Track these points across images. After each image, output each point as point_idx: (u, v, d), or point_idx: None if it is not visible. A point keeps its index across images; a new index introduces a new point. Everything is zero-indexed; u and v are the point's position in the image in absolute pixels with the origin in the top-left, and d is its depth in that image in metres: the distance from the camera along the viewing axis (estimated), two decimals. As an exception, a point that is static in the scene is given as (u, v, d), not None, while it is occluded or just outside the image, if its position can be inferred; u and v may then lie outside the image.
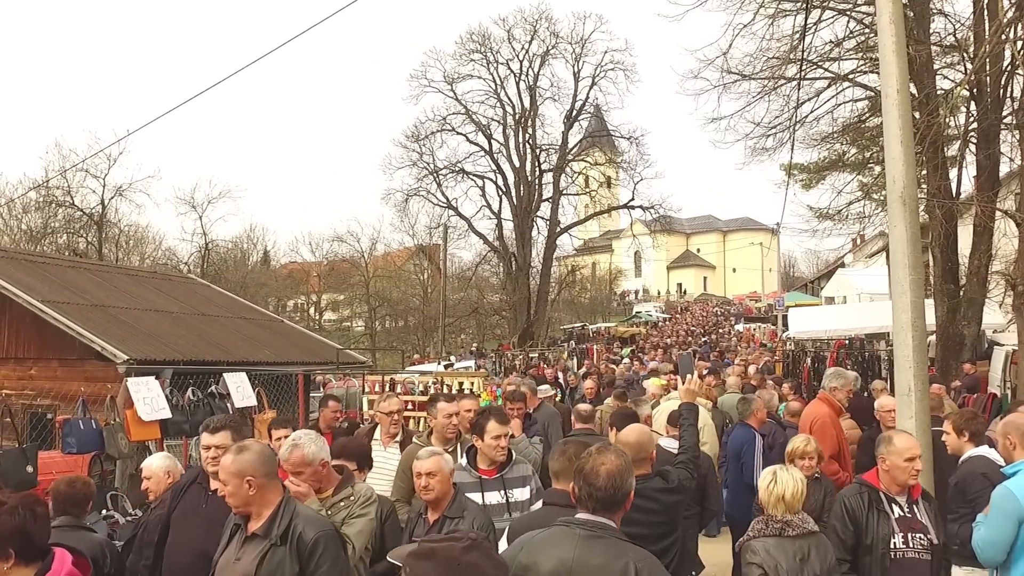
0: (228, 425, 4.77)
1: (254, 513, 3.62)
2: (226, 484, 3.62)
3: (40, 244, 39.52)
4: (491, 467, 4.96)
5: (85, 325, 12.28)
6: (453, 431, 5.73)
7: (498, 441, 4.91)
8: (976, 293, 15.04)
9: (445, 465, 4.56)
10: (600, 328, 51.61)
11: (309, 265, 58.05)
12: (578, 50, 47.06)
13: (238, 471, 3.60)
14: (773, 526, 4.21)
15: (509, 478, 4.96)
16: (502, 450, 4.92)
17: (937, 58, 15.47)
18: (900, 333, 5.69)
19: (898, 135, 5.70)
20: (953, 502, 5.03)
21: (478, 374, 14.59)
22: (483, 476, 4.92)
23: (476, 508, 4.50)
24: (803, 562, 4.07)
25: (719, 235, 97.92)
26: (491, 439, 4.91)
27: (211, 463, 4.51)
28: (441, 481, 4.44)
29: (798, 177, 20.84)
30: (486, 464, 4.97)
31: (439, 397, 5.99)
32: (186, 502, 4.65)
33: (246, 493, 3.58)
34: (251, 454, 3.65)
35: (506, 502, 4.86)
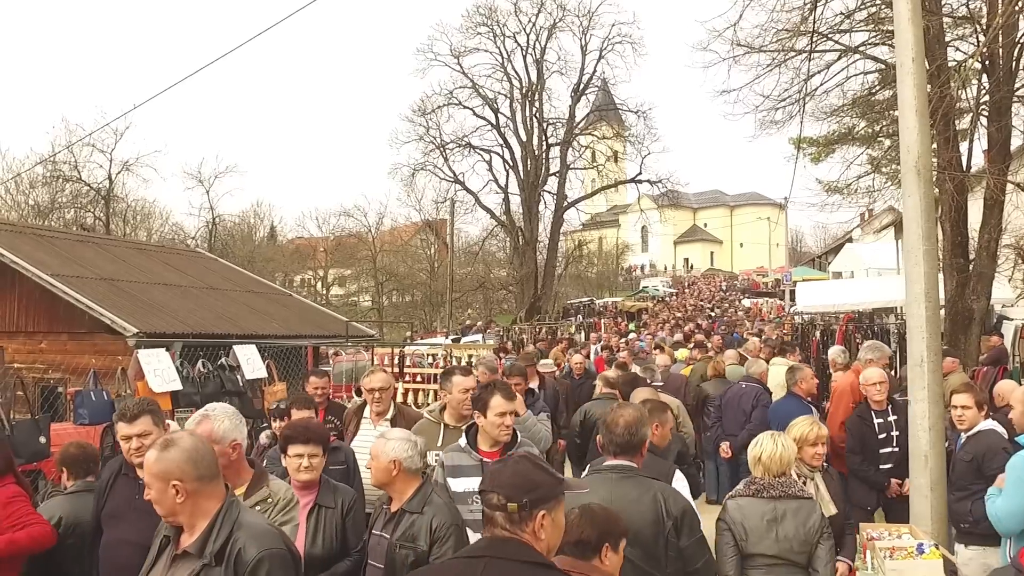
0: (147, 410, 4.15)
1: (186, 524, 2.94)
2: (149, 487, 2.95)
3: (48, 219, 39.58)
4: (494, 448, 4.47)
5: (94, 299, 12.34)
6: (469, 408, 5.05)
7: (503, 419, 4.44)
8: (986, 267, 14.95)
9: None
10: (607, 303, 51.58)
11: (316, 240, 58.07)
12: (585, 23, 46.67)
13: (162, 473, 2.91)
14: (750, 487, 4.32)
15: None
16: (507, 429, 4.45)
17: (949, 30, 15.27)
18: (913, 304, 5.67)
19: (913, 104, 5.64)
20: (964, 478, 4.94)
21: (487, 347, 14.62)
22: (484, 459, 4.40)
23: (440, 504, 4.01)
24: (772, 523, 4.13)
25: (726, 210, 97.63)
26: (495, 416, 4.44)
27: (134, 455, 3.95)
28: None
29: (807, 150, 20.67)
30: (488, 445, 4.49)
31: (455, 370, 5.47)
32: (116, 499, 4.16)
33: (172, 501, 2.89)
34: (179, 451, 2.92)
35: None
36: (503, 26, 46.28)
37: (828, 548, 4.20)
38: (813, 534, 4.13)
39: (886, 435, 6.66)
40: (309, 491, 4.30)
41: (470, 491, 4.27)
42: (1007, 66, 13.95)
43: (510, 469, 2.53)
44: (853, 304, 19.16)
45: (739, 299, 55.10)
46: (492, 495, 2.47)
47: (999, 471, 4.62)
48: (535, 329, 25.57)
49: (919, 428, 5.58)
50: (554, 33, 46.91)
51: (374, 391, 5.92)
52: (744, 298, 55.05)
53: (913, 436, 5.64)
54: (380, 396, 5.90)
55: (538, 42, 46.86)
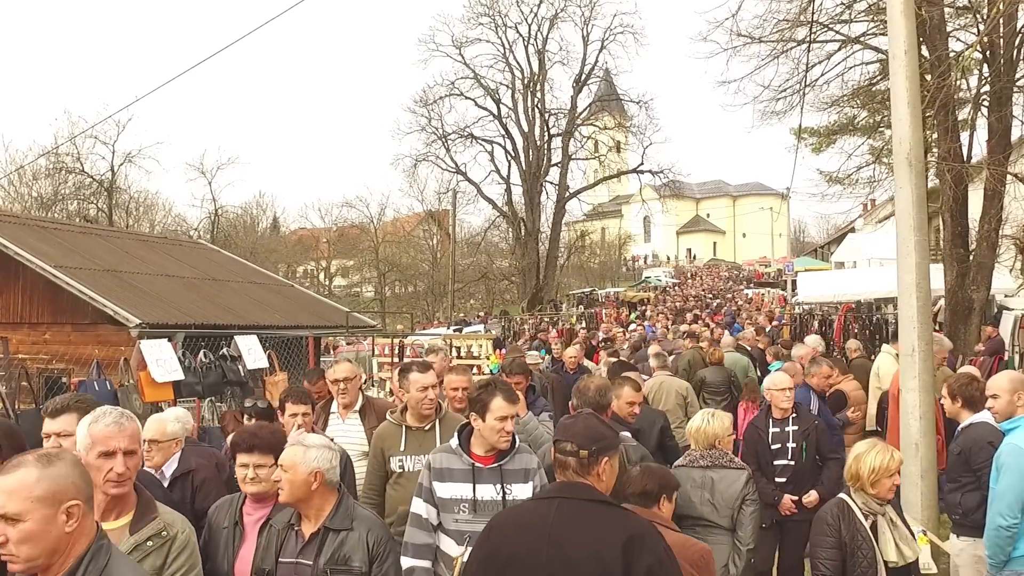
0: (74, 406, 3.61)
1: (42, 567, 2.25)
2: (21, 519, 2.19)
3: (51, 211, 39.74)
4: (489, 453, 3.99)
5: (98, 290, 12.41)
6: (429, 407, 4.74)
7: (503, 424, 3.93)
8: (986, 257, 14.97)
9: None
10: (609, 293, 51.66)
11: (318, 231, 58.22)
12: (587, 13, 46.62)
13: (50, 495, 2.22)
14: (687, 458, 5.05)
15: (509, 470, 3.98)
16: (507, 436, 3.94)
17: (950, 20, 15.26)
18: (905, 294, 5.73)
19: (905, 97, 5.69)
20: (955, 470, 4.98)
21: (487, 336, 14.70)
22: (477, 464, 3.96)
23: (371, 518, 3.62)
24: (700, 488, 4.81)
25: (729, 200, 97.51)
26: (495, 420, 3.91)
27: None
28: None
29: (808, 141, 20.71)
30: (483, 449, 4.00)
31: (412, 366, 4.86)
32: None
33: (60, 532, 2.22)
34: (67, 465, 2.30)
35: (502, 498, 3.90)
36: (505, 16, 46.31)
37: (750, 513, 4.78)
38: (735, 499, 4.76)
39: (780, 446, 6.13)
40: (261, 504, 3.82)
41: (458, 498, 3.93)
42: (1008, 56, 13.94)
43: (581, 423, 3.00)
44: (854, 294, 19.21)
45: (741, 289, 55.06)
46: (566, 444, 2.88)
47: (985, 464, 4.67)
48: (536, 319, 25.61)
49: (910, 417, 5.65)
50: (556, 23, 46.93)
51: (339, 382, 5.56)
52: (746, 288, 55.04)
53: (904, 425, 5.72)
54: (346, 387, 5.55)
55: (540, 32, 46.88)
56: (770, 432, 6.18)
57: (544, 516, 2.79)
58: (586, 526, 2.73)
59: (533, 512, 2.87)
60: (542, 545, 2.74)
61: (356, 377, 5.67)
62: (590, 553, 2.67)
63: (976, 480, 4.81)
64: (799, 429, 6.14)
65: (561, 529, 2.74)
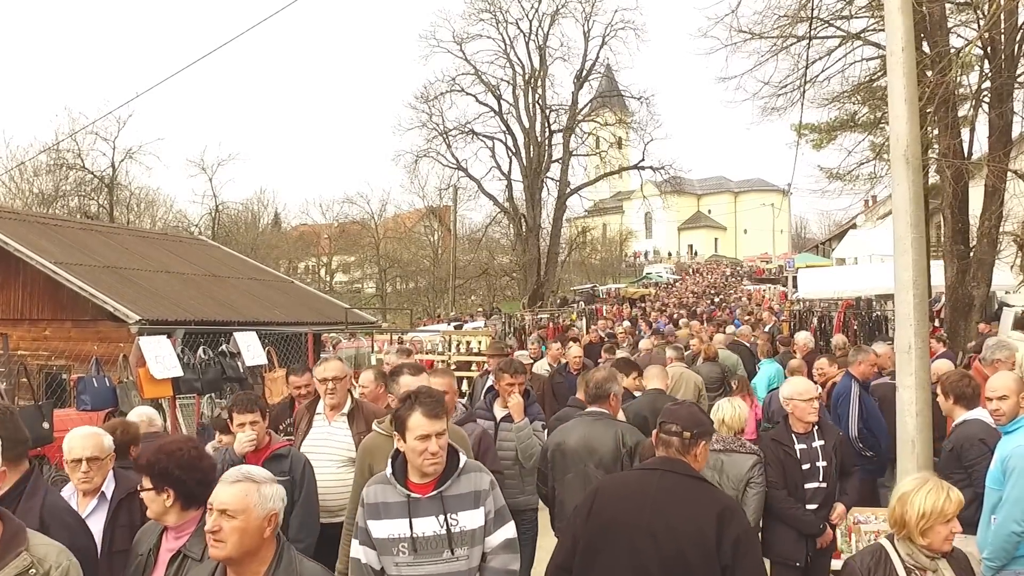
0: None
1: None
2: None
3: (52, 207, 39.76)
4: (426, 480, 3.43)
5: (98, 286, 12.43)
6: None
7: (425, 444, 3.35)
8: (986, 254, 14.99)
9: None
10: (610, 289, 51.63)
11: (319, 227, 58.23)
12: (588, 9, 46.48)
13: None
14: None
15: (452, 496, 3.42)
16: (432, 458, 3.35)
17: (952, 15, 15.25)
18: (901, 291, 5.71)
19: (903, 93, 5.67)
20: (947, 467, 4.99)
21: (485, 332, 14.71)
22: (413, 494, 3.41)
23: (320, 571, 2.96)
24: (712, 470, 5.04)
25: (730, 196, 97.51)
26: (415, 440, 3.37)
27: None
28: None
29: (809, 137, 20.69)
30: (419, 476, 3.44)
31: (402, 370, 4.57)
32: None
33: None
34: None
35: (447, 532, 3.37)
36: (505, 12, 46.16)
37: (755, 494, 5.16)
38: (741, 480, 5.12)
39: (810, 466, 5.35)
40: (177, 533, 3.31)
41: (395, 537, 3.39)
42: (1008, 51, 13.92)
43: (685, 410, 3.49)
44: (854, 291, 19.21)
45: (742, 286, 55.07)
46: (672, 425, 3.35)
47: (976, 461, 4.67)
48: (536, 316, 25.62)
49: (907, 414, 5.63)
50: (556, 19, 46.79)
51: (327, 381, 5.22)
52: (747, 284, 55.04)
53: (901, 422, 5.70)
54: (335, 387, 5.22)
55: (540, 28, 46.76)
56: (797, 450, 5.36)
57: (647, 485, 3.25)
58: (685, 497, 3.17)
59: (637, 481, 3.34)
60: (645, 511, 3.16)
61: (346, 377, 5.35)
62: (688, 521, 3.10)
63: (967, 477, 4.81)
64: (827, 444, 5.41)
65: (663, 498, 3.18)
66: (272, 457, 4.55)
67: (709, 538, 3.04)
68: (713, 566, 3.04)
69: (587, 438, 4.85)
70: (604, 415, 5.01)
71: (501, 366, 5.98)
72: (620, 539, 3.17)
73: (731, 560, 3.04)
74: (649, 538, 3.11)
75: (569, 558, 3.34)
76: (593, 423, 4.93)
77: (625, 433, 4.91)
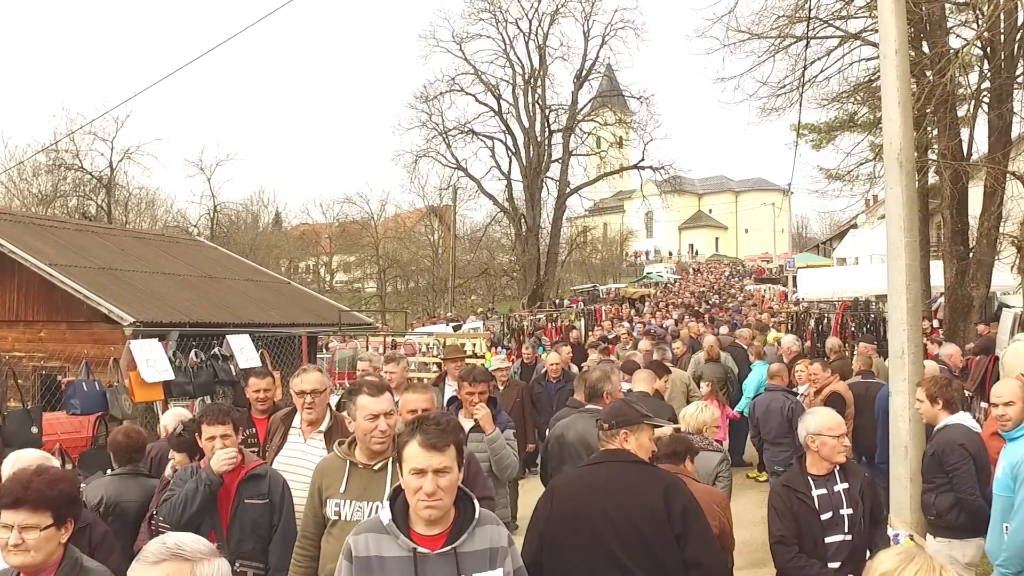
0: None
1: None
2: None
3: (51, 207, 39.75)
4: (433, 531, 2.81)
5: (92, 288, 12.36)
6: (381, 441, 3.72)
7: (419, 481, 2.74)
8: (985, 255, 14.95)
9: None
10: (611, 289, 51.62)
11: (320, 227, 58.23)
12: (588, 9, 46.51)
13: None
14: None
15: (468, 552, 2.83)
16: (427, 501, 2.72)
17: (951, 15, 15.21)
18: (895, 295, 5.68)
19: (896, 96, 5.63)
20: (929, 472, 4.98)
21: (482, 335, 14.66)
22: (421, 548, 2.79)
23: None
24: None
25: (731, 195, 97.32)
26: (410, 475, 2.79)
27: None
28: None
29: (808, 137, 20.66)
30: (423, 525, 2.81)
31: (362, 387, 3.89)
32: None
33: None
34: None
35: None
36: (505, 12, 46.19)
37: (723, 487, 5.36)
38: (710, 475, 5.38)
39: (832, 515, 4.30)
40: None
41: None
42: (1008, 52, 13.87)
43: (611, 406, 3.91)
44: (854, 291, 19.15)
45: (742, 286, 55.02)
46: (601, 421, 3.73)
47: (957, 466, 4.65)
48: (535, 316, 25.57)
49: (899, 419, 5.61)
50: (556, 19, 46.83)
51: (305, 394, 4.75)
52: (747, 284, 54.99)
53: (894, 428, 5.67)
54: (313, 401, 4.74)
55: (540, 28, 46.78)
56: (815, 496, 4.34)
57: (596, 476, 3.57)
58: (631, 481, 3.51)
59: (588, 474, 3.65)
60: (599, 499, 3.46)
61: (326, 391, 4.89)
62: (638, 500, 3.43)
63: (948, 481, 4.81)
64: (853, 487, 4.38)
65: (612, 485, 3.49)
66: (249, 477, 4.21)
67: (659, 511, 3.38)
68: (667, 536, 3.37)
69: (582, 433, 5.21)
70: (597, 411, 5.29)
71: (461, 374, 5.68)
72: (582, 528, 3.45)
73: (682, 528, 3.37)
74: (607, 522, 3.40)
75: (537, 554, 3.53)
76: (589, 419, 5.17)
77: None
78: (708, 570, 3.40)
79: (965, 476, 4.61)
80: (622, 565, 3.37)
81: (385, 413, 3.76)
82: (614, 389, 5.60)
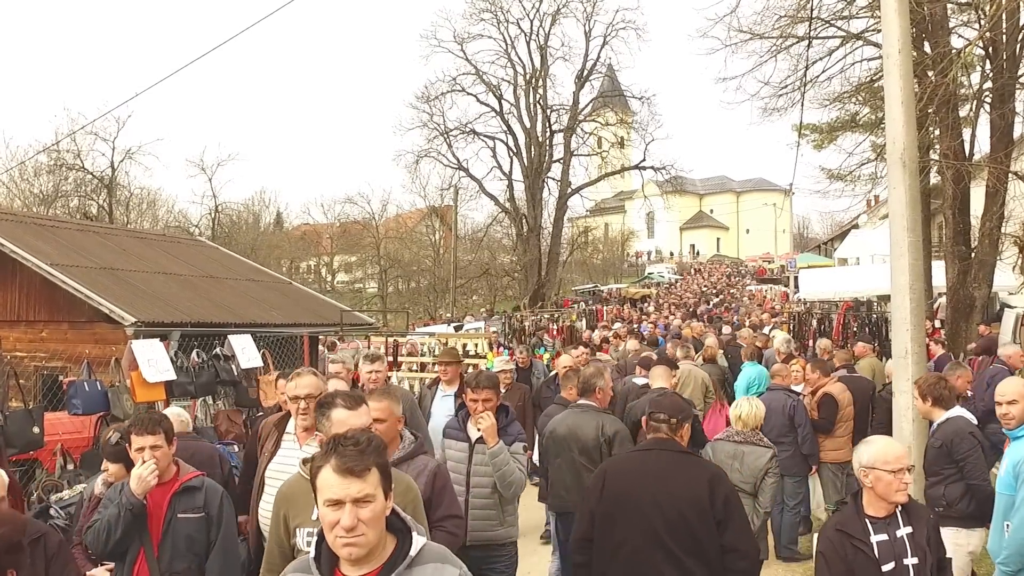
0: None
1: None
2: None
3: (52, 207, 39.76)
4: (363, 570, 2.35)
5: (93, 288, 12.36)
6: None
7: (335, 514, 2.29)
8: (987, 255, 14.94)
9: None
10: (612, 289, 51.59)
11: (321, 227, 58.21)
12: (589, 9, 46.44)
13: None
14: (725, 432, 6.00)
15: None
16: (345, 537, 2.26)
17: (953, 15, 15.19)
18: (898, 295, 5.68)
19: (899, 96, 5.62)
20: (936, 464, 5.00)
21: (484, 335, 14.64)
22: None
23: None
24: (732, 459, 5.63)
25: (733, 196, 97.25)
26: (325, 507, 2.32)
27: None
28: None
29: (810, 138, 20.66)
30: (349, 564, 2.36)
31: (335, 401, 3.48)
32: None
33: None
34: None
35: None
36: (506, 12, 46.12)
37: (771, 483, 5.60)
38: (760, 471, 5.55)
39: (894, 565, 3.63)
40: None
41: None
42: (1010, 52, 13.86)
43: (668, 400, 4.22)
44: (856, 291, 19.15)
45: (744, 286, 54.99)
46: (660, 414, 4.03)
47: (968, 454, 4.68)
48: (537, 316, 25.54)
49: (903, 419, 5.61)
50: (557, 19, 46.75)
51: (299, 399, 4.42)
52: (749, 285, 54.95)
53: (897, 427, 5.67)
54: (308, 407, 4.36)
55: (542, 28, 46.72)
56: (874, 543, 3.65)
57: (646, 463, 3.93)
58: (679, 470, 3.83)
59: (638, 460, 4.04)
60: (648, 483, 3.80)
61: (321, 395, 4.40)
62: (685, 487, 3.75)
63: (958, 471, 4.83)
64: (918, 531, 3.72)
65: (661, 472, 3.83)
66: (182, 490, 3.95)
67: (703, 499, 3.69)
68: (709, 522, 3.68)
69: (572, 428, 5.58)
70: (591, 407, 5.70)
71: (467, 380, 5.28)
72: (631, 508, 3.79)
73: (723, 515, 3.69)
74: (654, 505, 3.73)
75: (589, 529, 3.94)
76: (581, 414, 5.63)
77: (606, 423, 5.58)
78: (743, 555, 3.71)
79: (977, 463, 4.68)
80: (665, 545, 3.68)
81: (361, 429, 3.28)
82: (606, 385, 5.88)
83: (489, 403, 4.91)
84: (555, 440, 5.67)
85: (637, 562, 3.74)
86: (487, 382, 5.01)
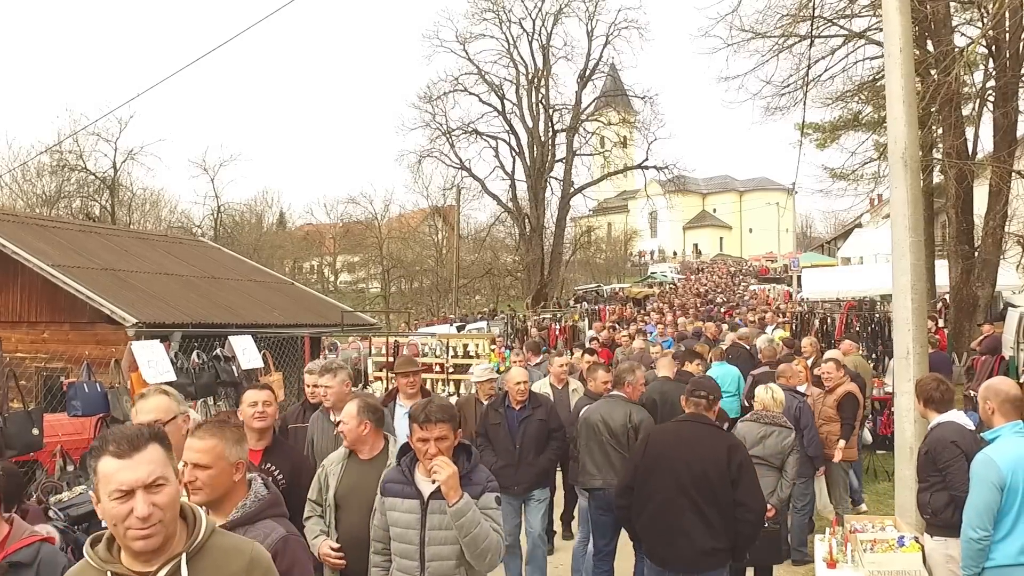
0: None
1: None
2: None
3: (54, 208, 39.82)
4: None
5: (95, 289, 12.38)
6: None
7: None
8: (991, 254, 14.89)
9: None
10: (615, 289, 51.55)
11: (324, 227, 58.25)
12: (591, 8, 46.50)
13: None
14: (753, 415, 6.66)
15: None
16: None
17: (956, 14, 15.14)
18: (900, 295, 5.63)
19: (900, 95, 5.58)
20: (923, 471, 4.95)
21: (486, 336, 14.61)
22: None
23: None
24: (762, 439, 6.36)
25: (735, 195, 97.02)
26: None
27: None
28: None
29: (812, 137, 20.61)
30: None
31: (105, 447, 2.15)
32: None
33: None
34: None
35: None
36: (509, 12, 46.20)
37: (795, 459, 6.50)
38: (787, 449, 6.36)
39: None
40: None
41: None
42: (1013, 50, 13.79)
43: (708, 381, 5.19)
44: (858, 291, 19.06)
45: (746, 286, 54.86)
46: (701, 391, 4.96)
47: (950, 463, 4.63)
48: (539, 317, 25.49)
49: (905, 420, 5.56)
50: (560, 19, 46.84)
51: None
52: (752, 284, 54.82)
53: (899, 429, 5.63)
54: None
55: (544, 28, 46.76)
56: None
57: (681, 431, 4.91)
58: (706, 438, 4.78)
59: (675, 429, 5.00)
60: (681, 447, 4.76)
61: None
62: (709, 451, 4.69)
63: (941, 480, 4.79)
64: None
65: (692, 438, 4.79)
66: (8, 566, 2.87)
67: (722, 462, 4.63)
68: (725, 480, 4.60)
69: (604, 415, 6.33)
70: (621, 398, 6.45)
71: (410, 412, 3.77)
72: (664, 465, 4.73)
73: (737, 476, 4.61)
74: (684, 464, 4.68)
75: (632, 479, 4.91)
76: (613, 404, 6.43)
77: (633, 412, 6.32)
78: (749, 509, 4.62)
79: (957, 473, 4.59)
80: (690, 495, 4.62)
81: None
82: (636, 381, 6.53)
83: (444, 442, 3.63)
84: (588, 426, 6.41)
85: (667, 507, 4.69)
86: (440, 414, 3.64)
